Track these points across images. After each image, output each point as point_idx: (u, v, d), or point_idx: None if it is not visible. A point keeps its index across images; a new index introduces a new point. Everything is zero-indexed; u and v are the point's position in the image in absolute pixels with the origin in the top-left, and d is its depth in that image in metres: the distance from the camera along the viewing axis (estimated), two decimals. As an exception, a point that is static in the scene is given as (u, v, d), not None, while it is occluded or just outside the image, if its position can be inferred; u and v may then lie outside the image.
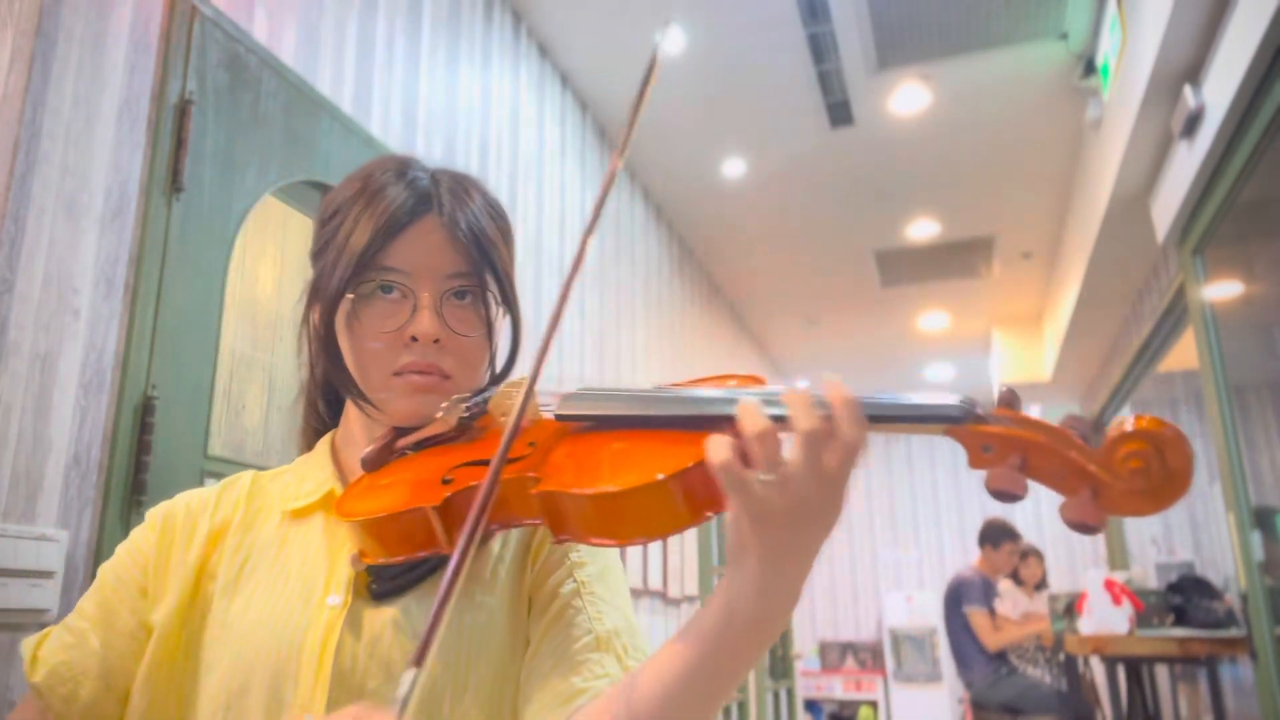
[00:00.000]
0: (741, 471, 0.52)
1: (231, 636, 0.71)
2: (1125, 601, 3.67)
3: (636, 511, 0.57)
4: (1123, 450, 0.50)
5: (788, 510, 0.52)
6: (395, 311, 0.74)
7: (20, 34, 1.39)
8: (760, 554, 0.53)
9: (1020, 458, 0.51)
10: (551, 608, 0.71)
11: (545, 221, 3.23)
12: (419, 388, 0.74)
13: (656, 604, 3.96)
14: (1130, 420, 0.51)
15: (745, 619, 0.55)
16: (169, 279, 1.59)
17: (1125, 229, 3.64)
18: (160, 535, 0.78)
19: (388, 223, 0.74)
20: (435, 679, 0.67)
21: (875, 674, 7.91)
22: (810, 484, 0.52)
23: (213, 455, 1.68)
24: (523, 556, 0.76)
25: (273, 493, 0.81)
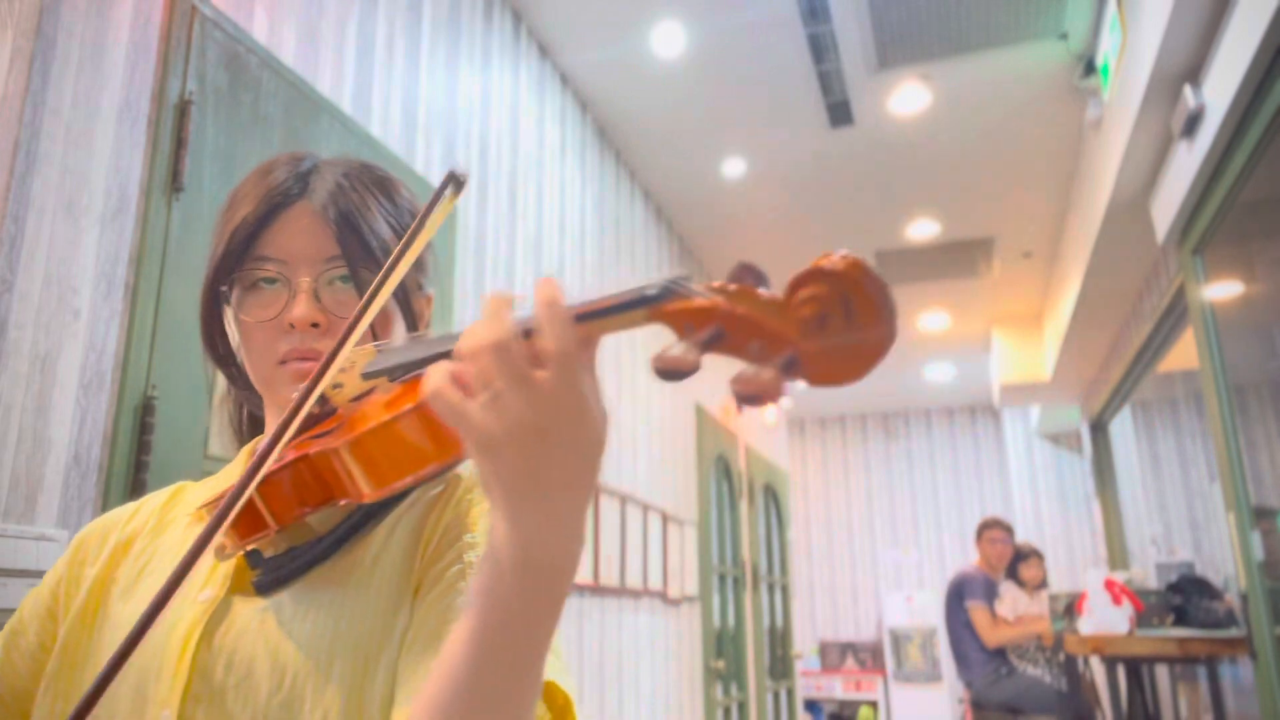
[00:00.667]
0: (451, 396, 0.48)
1: (117, 635, 0.71)
2: (1125, 601, 3.67)
3: (387, 452, 0.56)
4: (799, 295, 0.42)
5: (510, 433, 0.47)
6: (275, 300, 0.74)
7: (20, 34, 1.39)
8: (501, 489, 0.49)
9: (715, 330, 0.44)
10: (433, 591, 0.68)
11: (545, 221, 3.23)
12: (301, 374, 0.73)
13: (656, 604, 3.95)
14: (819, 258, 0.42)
15: (510, 564, 0.50)
16: (169, 279, 1.59)
17: (1125, 229, 3.65)
18: (72, 556, 0.79)
19: (258, 209, 0.74)
20: (298, 669, 0.65)
21: (875, 674, 7.91)
22: (521, 398, 0.47)
23: (212, 455, 1.68)
24: (412, 546, 0.72)
25: (190, 500, 0.82)
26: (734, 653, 5.12)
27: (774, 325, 0.43)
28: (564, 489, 0.49)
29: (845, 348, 0.41)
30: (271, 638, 0.67)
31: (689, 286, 0.46)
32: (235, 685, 0.65)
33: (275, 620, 0.68)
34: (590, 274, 3.61)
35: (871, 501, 8.71)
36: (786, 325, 0.42)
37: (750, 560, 5.65)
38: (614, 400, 3.67)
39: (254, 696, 0.65)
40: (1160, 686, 4.67)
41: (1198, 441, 4.50)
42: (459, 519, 0.72)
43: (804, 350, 0.42)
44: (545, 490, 0.49)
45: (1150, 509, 5.57)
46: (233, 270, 0.75)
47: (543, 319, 0.47)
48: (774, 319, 0.43)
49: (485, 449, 0.48)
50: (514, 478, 0.48)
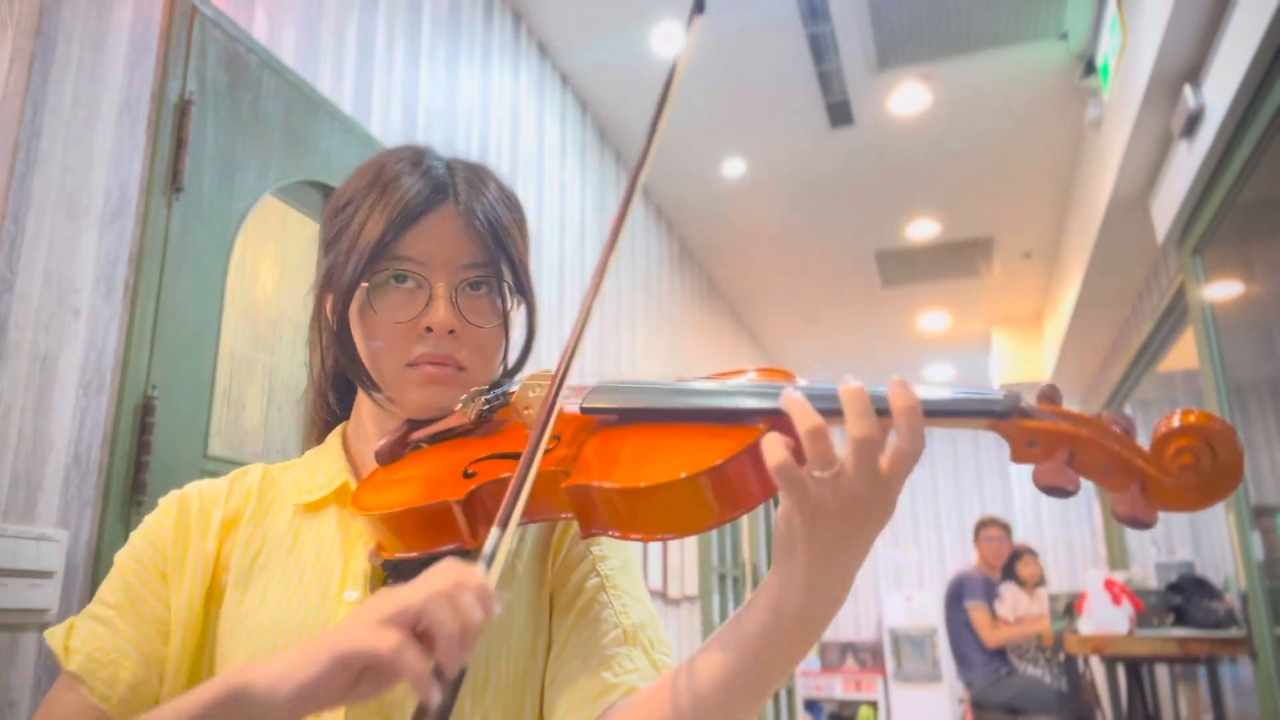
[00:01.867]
0: (798, 470, 0.52)
1: (246, 630, 0.70)
2: (1125, 601, 3.67)
3: (667, 507, 0.56)
4: (1173, 446, 0.50)
5: (841, 510, 0.52)
6: (410, 302, 0.74)
7: (20, 34, 1.39)
8: (810, 552, 0.53)
9: (1067, 452, 0.51)
10: (576, 603, 0.71)
11: (545, 221, 3.23)
12: (433, 379, 0.73)
13: (657, 604, 3.95)
14: (1178, 415, 0.50)
15: (793, 617, 0.55)
16: (169, 279, 1.59)
17: (1125, 229, 3.65)
18: (177, 521, 0.77)
19: (402, 212, 0.73)
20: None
21: (875, 674, 7.91)
22: (864, 485, 0.52)
23: (213, 455, 1.68)
24: (542, 552, 0.75)
25: (283, 486, 0.80)
26: (734, 653, 5.11)
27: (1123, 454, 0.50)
28: (859, 555, 0.54)
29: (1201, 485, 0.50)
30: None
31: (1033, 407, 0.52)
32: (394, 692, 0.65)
33: None
34: (589, 273, 3.60)
35: (871, 501, 8.70)
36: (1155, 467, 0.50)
37: (750, 560, 5.65)
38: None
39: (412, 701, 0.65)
40: (1160, 686, 4.67)
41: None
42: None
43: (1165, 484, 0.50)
44: (845, 559, 0.54)
45: (1150, 509, 5.56)
46: (374, 268, 0.74)
47: (906, 425, 0.52)
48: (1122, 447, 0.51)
49: (813, 519, 0.52)
50: (829, 545, 0.53)
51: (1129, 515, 0.50)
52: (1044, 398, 0.52)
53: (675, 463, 0.56)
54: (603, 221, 3.81)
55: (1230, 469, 0.49)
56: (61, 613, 1.36)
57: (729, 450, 0.55)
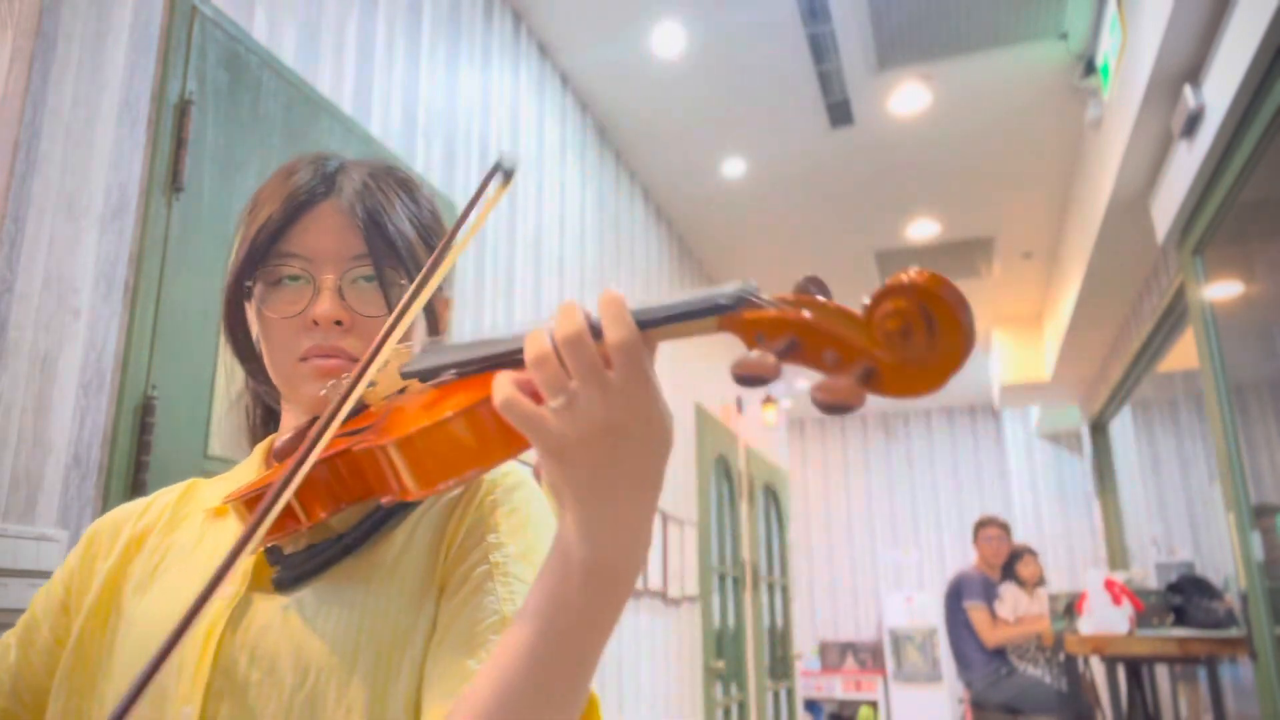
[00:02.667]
0: (524, 405, 0.49)
1: (135, 632, 0.71)
2: (1125, 601, 3.67)
3: (435, 452, 0.56)
4: (882, 309, 0.43)
5: (584, 436, 0.48)
6: (299, 297, 0.74)
7: (20, 34, 1.39)
8: (573, 492, 0.50)
9: (790, 340, 0.45)
10: (460, 591, 0.68)
11: (545, 221, 3.23)
12: (324, 371, 0.73)
13: (657, 604, 3.95)
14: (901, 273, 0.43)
15: (580, 565, 0.51)
16: (169, 279, 1.59)
17: (1125, 229, 3.65)
18: (84, 550, 0.79)
19: (284, 205, 0.74)
20: (322, 665, 0.65)
21: (875, 674, 7.91)
22: (596, 399, 0.47)
23: (212, 455, 1.68)
24: (435, 544, 0.73)
25: (205, 496, 0.81)
26: (734, 653, 5.12)
27: (850, 337, 0.44)
28: (633, 489, 0.50)
29: (925, 359, 0.43)
30: (295, 634, 0.67)
31: (761, 297, 0.47)
32: (258, 681, 0.65)
33: (298, 616, 0.68)
34: (590, 274, 3.61)
35: (871, 501, 8.71)
36: (868, 339, 0.44)
37: (750, 560, 5.65)
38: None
39: (277, 692, 0.64)
40: (1160, 686, 4.67)
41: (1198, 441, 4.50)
42: (482, 519, 0.72)
43: (883, 361, 0.43)
44: (615, 491, 0.50)
45: (1150, 509, 5.57)
46: (258, 266, 0.75)
47: (608, 316, 0.48)
48: (851, 331, 0.44)
49: (559, 453, 0.49)
50: (586, 480, 0.49)
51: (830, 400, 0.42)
52: (797, 288, 0.47)
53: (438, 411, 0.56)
54: (603, 221, 3.81)
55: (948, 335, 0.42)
56: (61, 613, 1.37)
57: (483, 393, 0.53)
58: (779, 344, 0.45)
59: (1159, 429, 5.41)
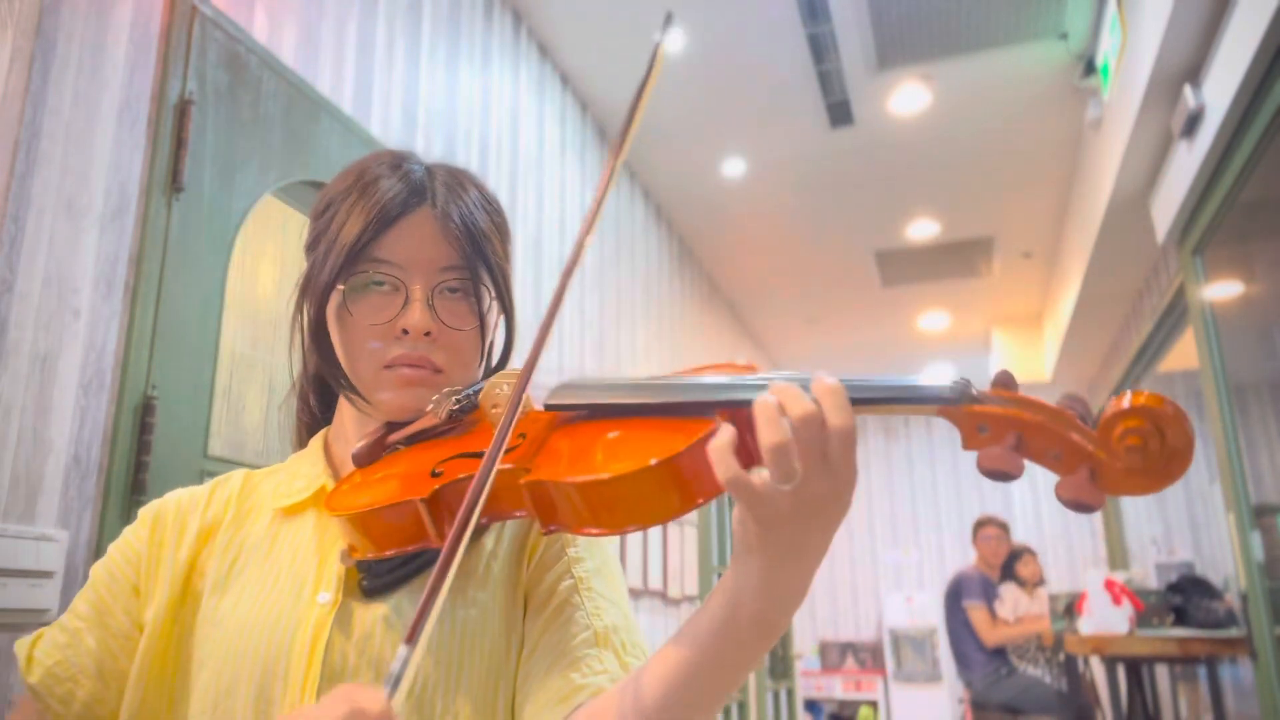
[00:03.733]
0: (750, 482, 0.51)
1: (221, 634, 0.70)
2: (1125, 601, 3.67)
3: (626, 499, 0.56)
4: (1120, 428, 0.49)
5: (797, 513, 0.51)
6: (387, 304, 0.74)
7: (20, 34, 1.39)
8: (766, 554, 0.52)
9: (1016, 437, 0.50)
10: (549, 605, 0.70)
11: (545, 221, 3.23)
12: (410, 381, 0.73)
13: (656, 604, 3.95)
14: (1128, 396, 0.49)
15: (750, 617, 0.54)
16: (169, 279, 1.59)
17: (1125, 229, 3.65)
18: (151, 533, 0.78)
19: (379, 215, 0.73)
20: (427, 676, 0.66)
21: (875, 674, 7.91)
22: (818, 484, 0.50)
23: (212, 455, 1.67)
24: (518, 553, 0.74)
25: (265, 490, 0.81)
26: (734, 653, 5.11)
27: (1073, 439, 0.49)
28: (816, 554, 0.53)
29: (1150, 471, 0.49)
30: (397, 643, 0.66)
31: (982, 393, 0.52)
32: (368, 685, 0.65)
33: (401, 624, 0.68)
34: (590, 274, 3.61)
35: (871, 501, 8.71)
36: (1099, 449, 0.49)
37: (750, 560, 5.64)
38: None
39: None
40: (1160, 686, 4.67)
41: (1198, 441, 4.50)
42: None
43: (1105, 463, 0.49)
44: (801, 558, 0.53)
45: (1150, 509, 5.57)
46: (351, 270, 0.74)
47: (832, 405, 0.50)
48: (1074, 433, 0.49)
49: (770, 523, 0.51)
50: (783, 544, 0.52)
51: (1074, 499, 0.49)
52: (998, 383, 0.52)
53: (631, 456, 0.56)
54: (603, 221, 3.81)
55: (1179, 453, 0.48)
56: (61, 612, 1.36)
57: (685, 441, 0.54)
58: (1008, 440, 0.50)
59: (1159, 429, 5.39)
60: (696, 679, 0.56)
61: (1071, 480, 0.49)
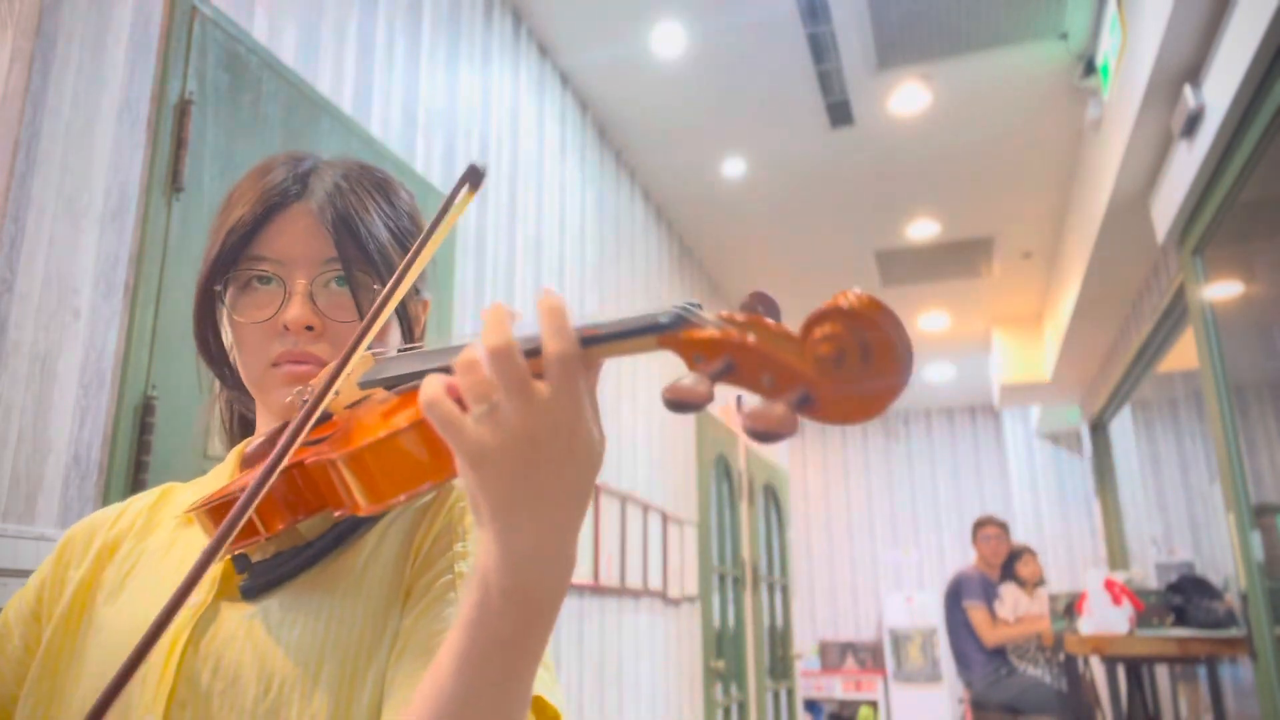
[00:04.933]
0: (445, 407, 0.47)
1: (103, 639, 0.70)
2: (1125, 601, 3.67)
3: (385, 467, 0.55)
4: (816, 332, 0.41)
5: (503, 445, 0.46)
6: (269, 301, 0.73)
7: (20, 34, 1.39)
8: (490, 505, 0.48)
9: (725, 361, 0.43)
10: (423, 601, 0.68)
11: (545, 221, 3.23)
12: (294, 377, 0.72)
13: (656, 604, 3.95)
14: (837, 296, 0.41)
15: (496, 589, 0.49)
16: (169, 279, 1.59)
17: (1125, 229, 3.65)
18: (57, 558, 0.78)
19: (255, 208, 0.73)
20: (285, 675, 0.64)
21: (875, 674, 7.91)
22: (518, 409, 0.46)
23: (212, 455, 1.67)
24: (404, 553, 0.72)
25: (178, 501, 0.81)
26: (734, 653, 5.11)
27: (788, 360, 0.42)
28: (551, 509, 0.48)
29: (860, 388, 0.41)
30: (259, 643, 0.66)
31: (701, 316, 0.45)
32: (221, 691, 0.65)
33: (263, 626, 0.67)
34: (590, 274, 3.61)
35: (871, 502, 8.71)
36: (802, 361, 0.42)
37: (750, 560, 5.65)
38: (614, 400, 3.67)
39: (240, 702, 0.64)
40: (1160, 686, 4.67)
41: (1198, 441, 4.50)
42: (450, 527, 0.71)
43: (819, 388, 0.41)
44: (532, 508, 0.47)
45: (1150, 509, 5.57)
46: (228, 269, 0.74)
47: (546, 327, 0.46)
48: (788, 354, 0.42)
49: (476, 461, 0.47)
50: (503, 492, 0.47)
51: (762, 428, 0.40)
52: (744, 305, 0.46)
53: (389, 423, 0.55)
54: (603, 221, 3.81)
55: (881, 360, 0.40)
56: (61, 613, 1.37)
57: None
58: (715, 366, 0.43)
59: (1159, 429, 5.41)
60: (466, 668, 0.52)
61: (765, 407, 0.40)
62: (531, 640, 0.51)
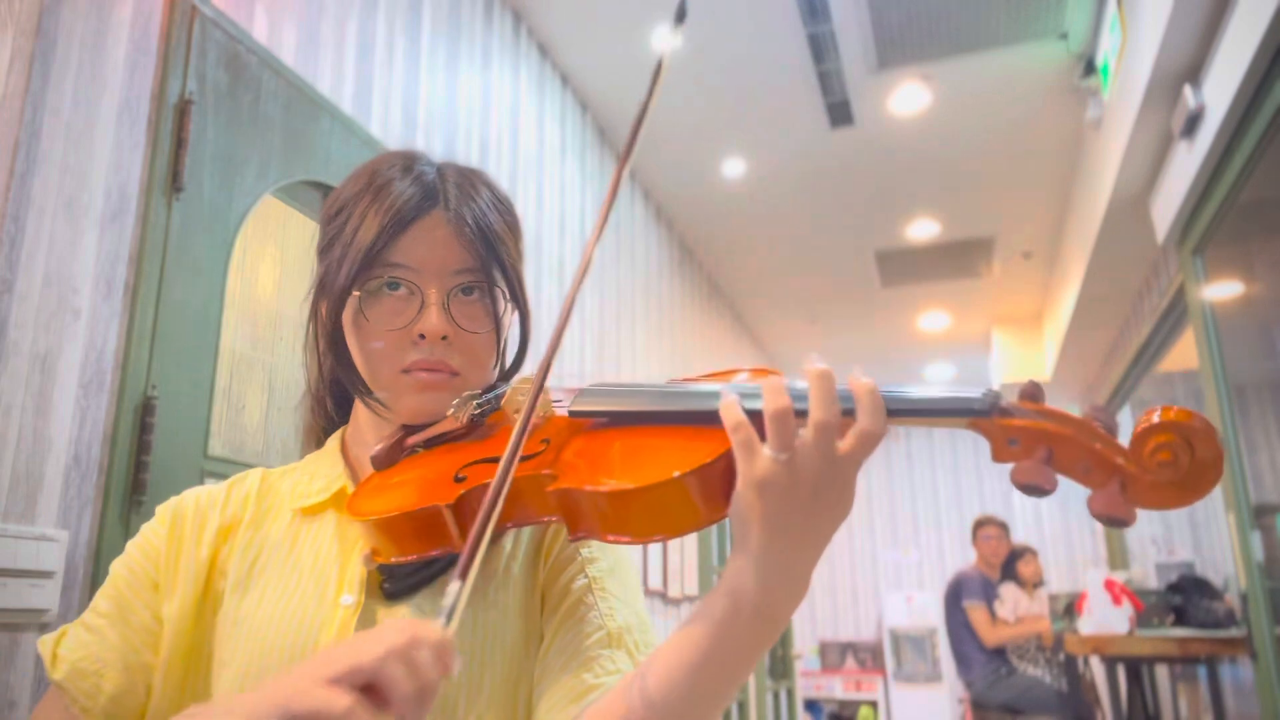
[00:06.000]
0: (752, 434, 0.53)
1: (244, 633, 0.71)
2: (1125, 601, 3.67)
3: (653, 509, 0.56)
4: (1151, 443, 0.49)
5: (792, 487, 0.52)
6: (403, 308, 0.74)
7: (20, 34, 1.39)
8: (763, 532, 0.53)
9: (1047, 450, 0.51)
10: (564, 604, 0.71)
11: (545, 221, 3.23)
12: (427, 385, 0.74)
13: (656, 604, 3.96)
14: (1159, 411, 0.49)
15: (749, 606, 0.55)
16: (169, 279, 1.59)
17: (1125, 229, 3.65)
18: (170, 530, 0.78)
19: (394, 219, 0.73)
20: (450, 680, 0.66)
21: (875, 674, 7.91)
22: (818, 465, 0.52)
23: (213, 455, 1.68)
24: (535, 553, 0.75)
25: (282, 490, 0.81)
26: (734, 653, 5.11)
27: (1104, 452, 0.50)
28: (810, 544, 0.54)
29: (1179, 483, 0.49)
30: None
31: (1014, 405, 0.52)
32: None
33: None
34: (590, 274, 3.60)
35: (871, 501, 8.71)
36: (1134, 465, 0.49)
37: (750, 560, 5.64)
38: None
39: None
40: (1160, 686, 4.67)
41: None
42: None
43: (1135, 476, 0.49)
44: (798, 541, 0.54)
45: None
46: (366, 275, 0.74)
47: (866, 408, 0.53)
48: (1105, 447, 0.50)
49: (762, 491, 0.53)
50: (776, 524, 0.53)
51: (1106, 513, 0.49)
52: (1025, 395, 0.52)
53: (660, 465, 0.56)
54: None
55: (1209, 466, 0.48)
56: (61, 612, 1.36)
57: (714, 451, 0.55)
58: (1039, 453, 0.51)
59: (1159, 429, 5.40)
60: (700, 672, 0.57)
61: (1103, 494, 0.49)
62: (762, 649, 0.58)
